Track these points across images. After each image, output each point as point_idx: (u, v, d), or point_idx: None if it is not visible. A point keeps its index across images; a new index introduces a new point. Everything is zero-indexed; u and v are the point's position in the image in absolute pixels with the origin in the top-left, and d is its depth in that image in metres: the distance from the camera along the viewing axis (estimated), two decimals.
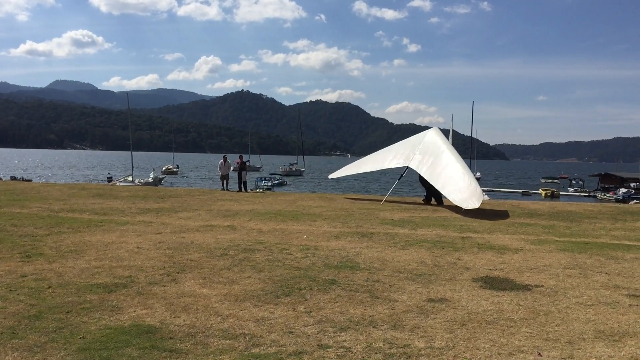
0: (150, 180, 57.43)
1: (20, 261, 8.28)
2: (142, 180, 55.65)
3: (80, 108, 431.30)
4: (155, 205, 16.99)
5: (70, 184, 30.36)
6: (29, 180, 44.22)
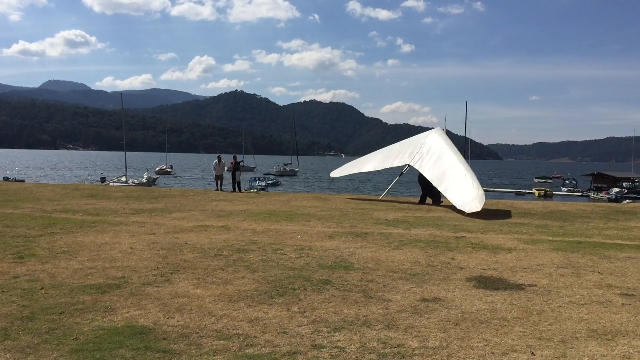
0: (144, 180, 57.25)
1: (13, 262, 8.24)
2: (135, 181, 55.46)
3: (73, 108, 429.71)
4: (148, 205, 16.94)
5: (63, 185, 30.22)
6: (22, 181, 44.01)
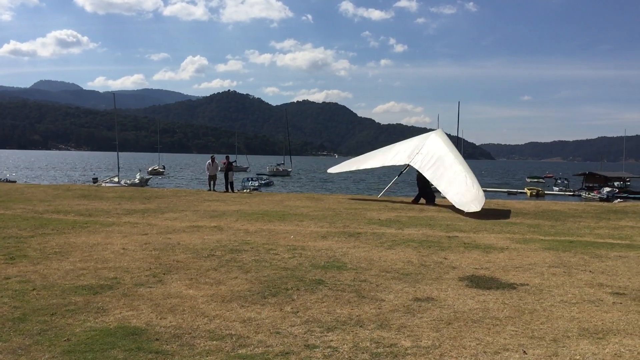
0: (136, 181, 57.05)
1: (4, 263, 8.18)
2: (128, 181, 55.25)
3: (65, 108, 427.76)
4: (141, 206, 16.89)
5: (54, 185, 30.07)
6: (13, 182, 43.73)
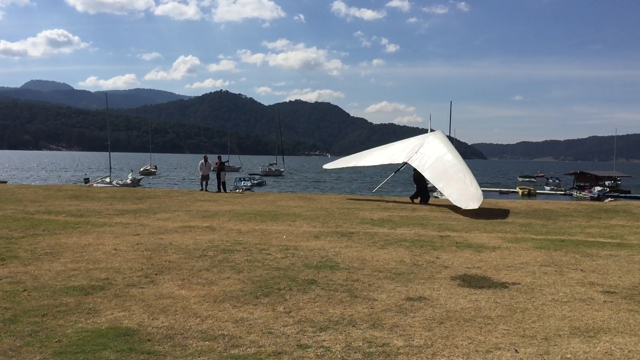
0: (128, 181, 56.81)
1: None
2: (120, 182, 55.00)
3: (56, 108, 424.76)
4: (133, 206, 16.82)
5: (45, 186, 29.90)
6: (4, 182, 43.45)
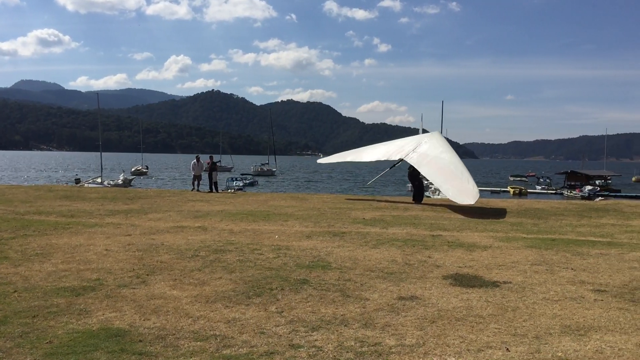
0: (119, 181, 56.58)
1: None
2: (111, 182, 54.75)
3: (47, 108, 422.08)
4: (124, 206, 16.75)
5: (36, 186, 29.71)
6: None
